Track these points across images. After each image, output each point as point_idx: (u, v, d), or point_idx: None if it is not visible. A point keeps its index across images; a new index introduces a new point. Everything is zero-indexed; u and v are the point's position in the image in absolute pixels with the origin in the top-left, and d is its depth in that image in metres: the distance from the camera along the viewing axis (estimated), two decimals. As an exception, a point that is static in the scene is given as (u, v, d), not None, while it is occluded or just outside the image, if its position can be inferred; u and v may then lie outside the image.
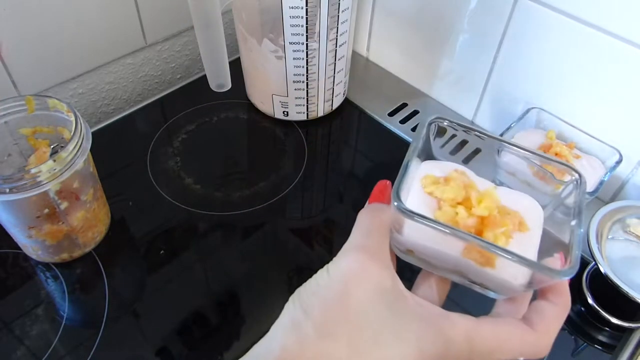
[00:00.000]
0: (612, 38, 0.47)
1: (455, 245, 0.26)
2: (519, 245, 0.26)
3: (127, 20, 0.61)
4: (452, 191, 0.28)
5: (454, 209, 0.27)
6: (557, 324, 0.27)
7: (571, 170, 0.30)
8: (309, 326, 0.25)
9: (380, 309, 0.26)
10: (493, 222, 0.27)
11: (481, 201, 0.27)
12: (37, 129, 0.45)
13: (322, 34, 0.52)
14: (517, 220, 0.27)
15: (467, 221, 0.26)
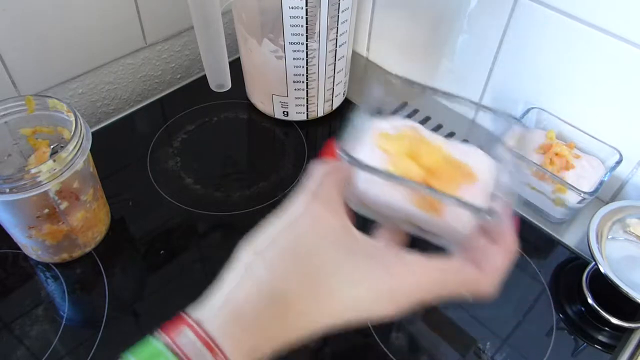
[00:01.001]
0: (612, 38, 0.47)
1: (405, 195, 0.27)
2: (466, 194, 0.27)
3: (127, 21, 0.61)
4: (401, 145, 0.29)
5: (405, 162, 0.28)
6: (501, 263, 0.29)
7: (513, 119, 0.31)
8: (260, 267, 0.26)
9: (330, 250, 0.26)
10: (441, 172, 0.28)
11: (429, 153, 0.29)
12: (37, 129, 0.45)
13: (322, 34, 0.52)
14: (465, 171, 0.29)
15: (415, 172, 0.28)
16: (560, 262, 0.50)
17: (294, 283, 0.26)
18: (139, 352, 0.24)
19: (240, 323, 0.25)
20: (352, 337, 0.44)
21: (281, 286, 0.26)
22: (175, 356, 0.23)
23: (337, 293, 0.26)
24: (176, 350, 0.24)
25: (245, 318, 0.25)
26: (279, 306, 0.25)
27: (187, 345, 0.24)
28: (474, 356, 0.43)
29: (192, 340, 0.24)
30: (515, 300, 0.47)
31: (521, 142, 0.30)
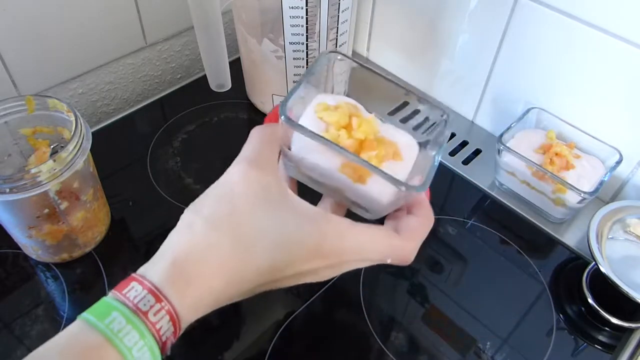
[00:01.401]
0: (612, 38, 0.47)
1: (334, 161, 0.30)
2: (389, 169, 0.30)
3: (127, 21, 0.61)
4: (337, 115, 0.31)
5: (338, 131, 0.31)
6: (420, 232, 0.31)
7: (441, 110, 0.33)
8: (199, 224, 0.29)
9: (263, 206, 0.29)
10: (369, 146, 0.31)
11: (360, 126, 0.31)
12: (37, 129, 0.45)
13: (322, 34, 0.52)
14: (392, 149, 0.31)
15: (346, 142, 0.30)
16: (560, 262, 0.50)
17: (227, 239, 0.28)
18: (93, 309, 0.26)
19: (183, 274, 0.27)
20: (352, 337, 0.44)
21: (216, 240, 0.28)
22: (125, 306, 0.26)
23: (268, 249, 0.28)
24: (125, 301, 0.26)
25: (187, 270, 0.28)
26: (216, 260, 0.28)
27: (135, 297, 0.26)
28: (474, 356, 0.43)
29: (139, 291, 0.26)
30: (515, 300, 0.47)
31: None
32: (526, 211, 0.54)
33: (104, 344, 0.25)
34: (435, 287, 0.47)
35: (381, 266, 0.47)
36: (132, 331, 0.25)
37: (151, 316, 0.26)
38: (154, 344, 0.26)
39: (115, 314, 0.26)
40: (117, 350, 0.25)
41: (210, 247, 0.28)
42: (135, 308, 0.26)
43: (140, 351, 0.25)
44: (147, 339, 0.26)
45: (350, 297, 0.46)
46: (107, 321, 0.25)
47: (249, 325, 0.44)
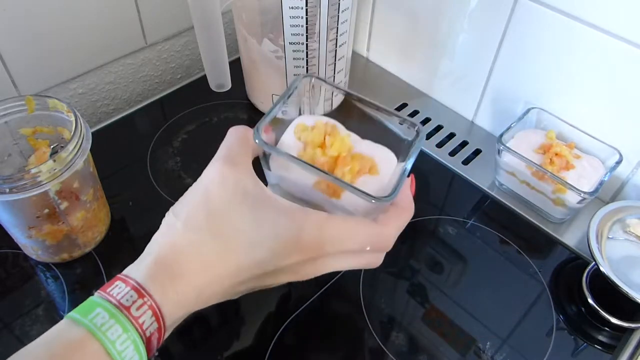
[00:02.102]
0: (612, 38, 0.47)
1: (308, 179, 0.32)
2: (365, 184, 0.32)
3: (127, 20, 0.61)
4: (312, 135, 0.33)
5: (314, 150, 0.33)
6: (397, 218, 0.33)
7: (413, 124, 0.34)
8: (179, 224, 0.30)
9: (239, 203, 0.30)
10: (342, 162, 0.32)
11: (333, 144, 0.33)
12: (37, 129, 0.45)
13: (322, 34, 0.52)
14: (368, 164, 0.33)
15: (321, 159, 0.32)
16: (560, 262, 0.50)
17: (206, 238, 0.30)
18: (78, 308, 0.27)
19: (165, 272, 0.29)
20: (352, 337, 0.44)
21: (196, 239, 0.30)
22: (108, 302, 0.27)
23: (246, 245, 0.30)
24: (109, 298, 0.27)
25: (169, 267, 0.29)
26: (196, 258, 0.29)
27: (119, 293, 0.28)
28: (474, 356, 0.43)
29: (123, 288, 0.28)
30: (515, 300, 0.47)
31: None
32: (526, 211, 0.54)
33: (87, 338, 0.26)
34: (435, 287, 0.47)
35: (381, 266, 0.48)
36: (115, 325, 0.26)
37: (134, 311, 0.27)
38: (137, 338, 0.27)
39: (99, 310, 0.27)
40: (101, 343, 0.26)
41: (191, 246, 0.30)
42: (118, 304, 0.27)
43: (124, 344, 0.26)
44: (130, 333, 0.27)
45: (350, 297, 0.46)
46: (90, 317, 0.27)
47: (249, 325, 0.44)
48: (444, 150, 0.60)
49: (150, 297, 0.28)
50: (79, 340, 0.26)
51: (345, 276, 0.48)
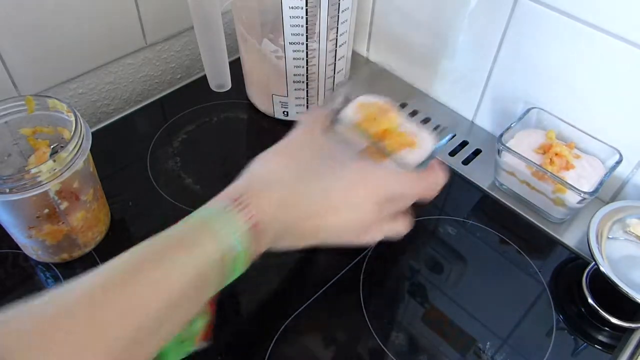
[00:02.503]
0: (612, 38, 0.47)
1: (360, 145, 0.40)
2: (405, 155, 0.40)
3: (127, 21, 0.61)
4: (368, 111, 0.42)
5: (368, 122, 0.41)
6: (438, 176, 0.41)
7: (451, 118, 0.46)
8: (264, 153, 0.39)
9: (315, 152, 0.39)
10: (389, 135, 0.41)
11: (386, 123, 0.42)
12: (37, 129, 0.45)
13: (322, 34, 0.52)
14: (410, 139, 0.41)
15: (371, 130, 0.41)
16: (560, 262, 0.50)
17: (286, 174, 0.37)
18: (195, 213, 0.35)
19: (255, 183, 0.36)
20: (352, 337, 0.44)
21: (278, 177, 0.37)
22: (217, 204, 0.35)
23: (319, 184, 0.37)
24: (217, 203, 0.35)
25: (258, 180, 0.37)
26: (277, 190, 0.36)
27: (223, 200, 0.35)
28: (474, 356, 0.43)
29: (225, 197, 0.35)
30: (515, 300, 0.47)
31: None
32: (526, 211, 0.54)
33: (201, 225, 0.33)
34: (435, 287, 0.47)
35: (381, 266, 0.48)
36: (223, 216, 0.33)
37: (237, 211, 0.34)
38: (244, 230, 0.33)
39: (209, 209, 0.34)
40: (211, 230, 0.33)
41: (274, 182, 0.37)
42: (226, 203, 0.34)
43: (234, 233, 0.33)
44: (236, 225, 0.33)
45: (350, 297, 0.46)
46: (201, 212, 0.34)
47: (249, 325, 0.44)
48: (444, 150, 0.60)
49: (247, 200, 0.34)
50: (192, 228, 0.33)
51: (345, 276, 0.48)
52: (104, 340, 0.27)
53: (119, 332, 0.27)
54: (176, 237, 0.33)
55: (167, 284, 0.30)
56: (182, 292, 0.31)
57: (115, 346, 0.27)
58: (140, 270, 0.30)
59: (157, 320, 0.29)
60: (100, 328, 0.27)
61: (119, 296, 0.28)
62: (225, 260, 0.33)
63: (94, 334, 0.26)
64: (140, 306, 0.29)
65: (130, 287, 0.29)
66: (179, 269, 0.31)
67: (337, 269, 0.48)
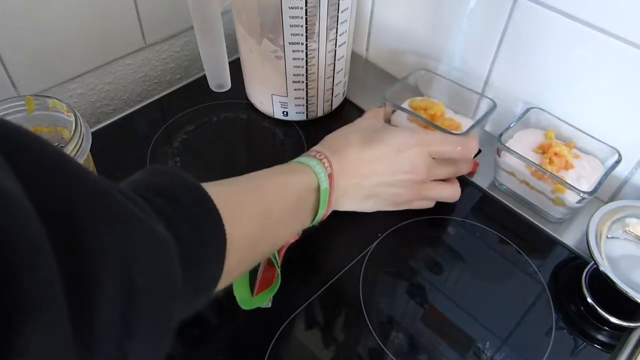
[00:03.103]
0: (611, 38, 0.47)
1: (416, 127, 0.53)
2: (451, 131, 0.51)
3: (126, 21, 0.61)
4: (420, 104, 0.55)
5: (420, 111, 0.55)
6: (474, 142, 0.50)
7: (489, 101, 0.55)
8: (337, 131, 0.50)
9: (370, 125, 0.51)
10: (437, 119, 0.54)
11: (435, 110, 0.55)
12: (37, 129, 0.45)
13: (321, 34, 0.53)
14: (455, 124, 0.54)
15: (423, 115, 0.54)
16: (559, 262, 0.50)
17: (354, 142, 0.47)
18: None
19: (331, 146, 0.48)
20: (352, 337, 0.44)
21: (346, 143, 0.47)
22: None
23: (378, 150, 0.47)
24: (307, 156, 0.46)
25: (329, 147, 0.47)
26: (346, 154, 0.46)
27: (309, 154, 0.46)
28: (474, 356, 0.43)
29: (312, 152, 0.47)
30: (514, 300, 0.47)
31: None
32: (525, 211, 0.54)
33: (300, 164, 0.45)
34: (435, 287, 0.47)
35: (381, 266, 0.48)
36: (313, 161, 0.44)
37: (319, 160, 0.45)
38: (326, 174, 0.44)
39: (299, 159, 0.46)
40: (308, 167, 0.44)
41: (344, 136, 0.48)
42: (311, 155, 0.46)
43: (321, 173, 0.43)
44: (322, 169, 0.44)
45: (350, 297, 0.46)
46: (294, 160, 0.45)
47: (249, 325, 0.44)
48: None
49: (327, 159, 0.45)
50: (293, 165, 0.45)
51: (346, 276, 0.48)
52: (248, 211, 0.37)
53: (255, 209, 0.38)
54: (284, 167, 0.44)
55: (286, 192, 0.41)
56: (293, 204, 0.41)
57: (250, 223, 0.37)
58: (269, 176, 0.42)
59: (276, 221, 0.40)
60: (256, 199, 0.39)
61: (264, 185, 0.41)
62: (317, 193, 0.43)
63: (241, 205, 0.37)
64: (269, 202, 0.40)
65: (263, 187, 0.41)
66: (293, 184, 0.42)
67: (337, 268, 0.48)
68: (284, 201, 0.40)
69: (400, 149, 0.47)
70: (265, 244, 0.40)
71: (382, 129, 0.49)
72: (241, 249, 0.35)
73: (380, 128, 0.49)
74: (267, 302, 0.45)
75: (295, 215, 0.43)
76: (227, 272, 0.33)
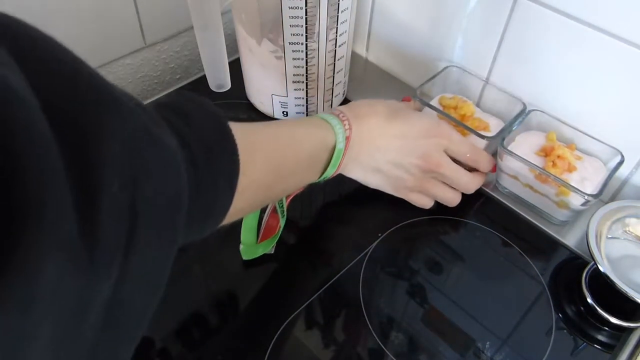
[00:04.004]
0: (612, 39, 0.47)
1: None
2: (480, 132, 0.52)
3: (126, 21, 0.61)
4: (451, 102, 0.57)
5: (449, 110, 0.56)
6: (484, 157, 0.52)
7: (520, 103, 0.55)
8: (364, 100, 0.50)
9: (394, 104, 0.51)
10: (466, 120, 0.55)
11: (465, 110, 0.55)
12: (37, 129, 0.45)
13: (321, 34, 0.53)
14: (483, 124, 0.55)
15: (453, 115, 0.55)
16: (559, 262, 0.50)
17: (380, 112, 0.48)
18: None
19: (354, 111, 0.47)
20: (351, 337, 0.44)
21: (372, 112, 0.48)
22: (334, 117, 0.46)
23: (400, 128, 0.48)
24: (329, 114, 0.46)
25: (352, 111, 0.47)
26: (368, 122, 0.47)
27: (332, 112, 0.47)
28: (473, 356, 0.43)
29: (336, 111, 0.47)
30: (514, 300, 0.47)
31: None
32: (528, 213, 0.54)
33: (321, 119, 0.45)
34: (435, 287, 0.47)
35: (381, 266, 0.48)
36: (334, 119, 0.45)
37: (340, 120, 0.45)
38: (344, 134, 0.44)
39: (322, 114, 0.46)
40: (330, 124, 0.44)
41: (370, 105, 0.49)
42: (335, 114, 0.46)
43: (339, 133, 0.44)
44: (342, 128, 0.44)
45: (350, 297, 0.46)
46: (318, 115, 0.46)
47: (249, 325, 0.44)
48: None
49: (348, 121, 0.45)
50: (317, 118, 0.45)
51: (345, 276, 0.48)
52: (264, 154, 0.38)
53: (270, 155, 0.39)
54: (306, 119, 0.47)
55: (302, 144, 0.42)
56: (307, 158, 0.42)
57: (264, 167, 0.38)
58: (290, 126, 0.44)
59: (288, 170, 0.41)
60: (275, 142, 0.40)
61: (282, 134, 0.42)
62: (331, 152, 0.44)
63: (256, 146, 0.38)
64: (284, 151, 0.40)
65: (280, 135, 0.41)
66: (310, 138, 0.43)
67: (337, 268, 0.48)
68: (298, 153, 0.41)
69: (421, 134, 0.47)
70: (274, 190, 0.41)
71: (409, 110, 0.50)
72: (251, 188, 0.36)
73: (408, 109, 0.50)
74: (271, 248, 0.47)
75: (307, 168, 0.43)
76: (237, 208, 0.34)
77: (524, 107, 0.54)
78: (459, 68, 0.59)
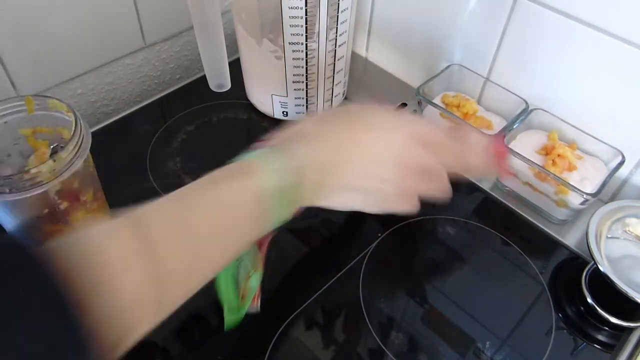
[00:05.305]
0: (612, 39, 0.47)
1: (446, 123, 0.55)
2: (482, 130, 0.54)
3: (126, 21, 0.61)
4: (452, 100, 0.57)
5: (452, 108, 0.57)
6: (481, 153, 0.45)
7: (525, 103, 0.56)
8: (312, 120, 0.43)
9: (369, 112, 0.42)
10: (468, 117, 0.56)
11: (468, 108, 0.56)
12: (37, 129, 0.45)
13: (321, 34, 0.53)
14: (486, 123, 0.56)
15: (456, 113, 0.56)
16: (559, 262, 0.50)
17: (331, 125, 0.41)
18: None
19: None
20: (351, 337, 0.44)
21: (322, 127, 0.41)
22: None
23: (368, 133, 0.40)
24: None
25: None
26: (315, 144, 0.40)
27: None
28: (473, 356, 0.43)
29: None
30: (514, 300, 0.47)
31: None
32: (528, 212, 0.54)
33: (240, 164, 0.37)
34: (435, 287, 0.47)
35: (381, 266, 0.47)
36: (269, 155, 0.38)
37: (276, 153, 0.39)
38: (281, 168, 0.37)
39: (250, 152, 0.39)
40: (263, 163, 0.37)
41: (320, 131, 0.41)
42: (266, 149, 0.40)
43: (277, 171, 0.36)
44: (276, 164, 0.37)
45: (350, 297, 0.46)
46: (242, 156, 0.38)
47: (249, 325, 0.44)
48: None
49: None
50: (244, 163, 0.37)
51: (346, 276, 0.48)
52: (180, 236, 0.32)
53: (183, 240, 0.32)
54: (226, 171, 0.37)
55: (223, 209, 0.35)
56: (234, 220, 0.35)
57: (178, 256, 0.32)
58: (203, 191, 0.35)
59: (213, 244, 0.34)
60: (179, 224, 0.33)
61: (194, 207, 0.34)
62: (262, 195, 0.36)
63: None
64: (200, 226, 0.33)
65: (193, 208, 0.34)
66: (233, 196, 0.35)
67: (336, 268, 0.48)
68: (220, 221, 0.34)
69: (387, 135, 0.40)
70: (201, 270, 0.34)
71: (363, 111, 0.42)
72: (173, 282, 0.31)
73: (362, 110, 0.42)
74: (255, 305, 0.42)
75: (242, 229, 0.36)
76: (162, 305, 0.31)
77: (526, 106, 0.54)
78: (462, 67, 0.59)
